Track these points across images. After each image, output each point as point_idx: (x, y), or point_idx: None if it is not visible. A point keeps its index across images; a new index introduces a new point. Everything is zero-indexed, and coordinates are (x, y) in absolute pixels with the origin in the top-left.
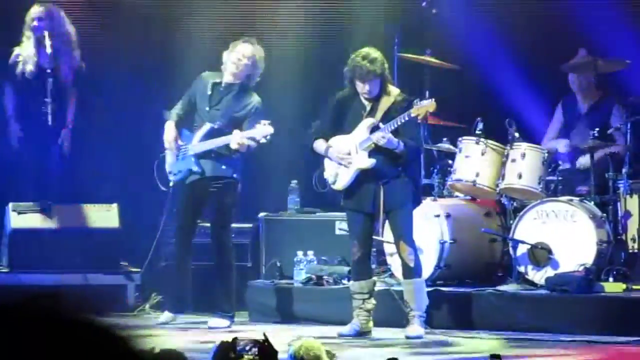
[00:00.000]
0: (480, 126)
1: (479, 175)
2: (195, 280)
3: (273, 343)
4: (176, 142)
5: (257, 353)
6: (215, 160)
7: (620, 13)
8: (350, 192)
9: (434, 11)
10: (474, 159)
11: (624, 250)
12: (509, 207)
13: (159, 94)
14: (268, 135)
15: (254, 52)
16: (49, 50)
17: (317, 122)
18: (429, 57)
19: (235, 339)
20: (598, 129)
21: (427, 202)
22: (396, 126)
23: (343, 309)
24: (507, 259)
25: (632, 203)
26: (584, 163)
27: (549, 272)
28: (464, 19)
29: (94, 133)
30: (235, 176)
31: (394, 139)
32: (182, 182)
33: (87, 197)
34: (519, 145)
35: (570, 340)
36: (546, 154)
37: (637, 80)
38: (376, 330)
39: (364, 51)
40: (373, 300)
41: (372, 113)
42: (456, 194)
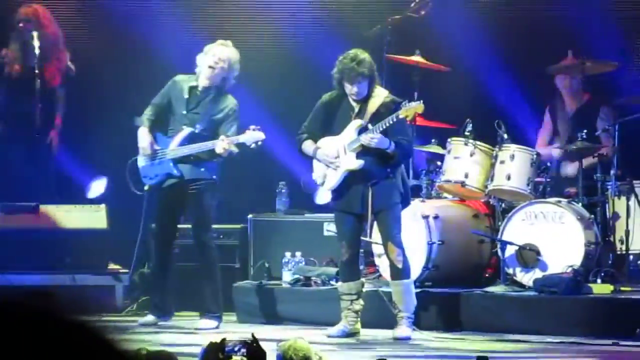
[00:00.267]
0: (469, 127)
1: (468, 176)
2: (182, 282)
3: (261, 344)
4: (152, 147)
5: (245, 354)
6: (193, 163)
7: (607, 15)
8: (338, 193)
9: (422, 12)
10: (463, 160)
11: (612, 252)
12: (498, 208)
13: (148, 94)
14: (259, 142)
15: (229, 55)
16: (37, 51)
17: (306, 124)
18: (418, 58)
19: (224, 340)
20: (586, 131)
21: (416, 203)
22: (385, 127)
23: (331, 310)
24: (496, 260)
25: (620, 205)
26: (570, 173)
27: (537, 273)
28: (454, 20)
29: (82, 133)
30: (214, 177)
31: (385, 139)
32: (158, 186)
33: (75, 198)
34: (508, 147)
35: (558, 341)
36: (535, 156)
37: (624, 82)
38: (364, 332)
39: (352, 53)
40: (361, 302)
41: (360, 114)
42: (445, 195)
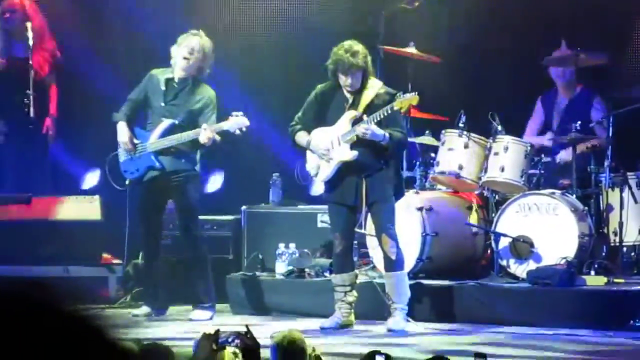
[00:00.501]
0: (464, 119)
1: (462, 168)
2: (175, 273)
3: (255, 335)
4: (132, 141)
5: (239, 345)
6: (174, 155)
7: (602, 6)
8: (332, 184)
9: (416, 4)
10: (457, 151)
11: (605, 244)
12: (492, 200)
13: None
14: (244, 128)
15: (203, 44)
16: (31, 42)
17: (299, 115)
18: (412, 49)
19: (218, 331)
20: (580, 122)
21: (410, 194)
22: (379, 119)
23: (325, 301)
24: (489, 252)
25: (613, 196)
26: (564, 158)
27: (531, 265)
28: (448, 11)
29: (77, 125)
30: (196, 168)
31: (379, 131)
32: (139, 180)
33: (69, 189)
34: (502, 139)
35: (552, 333)
36: (529, 147)
37: (618, 73)
38: (358, 323)
39: (347, 44)
40: (355, 293)
41: (354, 106)
42: (438, 186)
